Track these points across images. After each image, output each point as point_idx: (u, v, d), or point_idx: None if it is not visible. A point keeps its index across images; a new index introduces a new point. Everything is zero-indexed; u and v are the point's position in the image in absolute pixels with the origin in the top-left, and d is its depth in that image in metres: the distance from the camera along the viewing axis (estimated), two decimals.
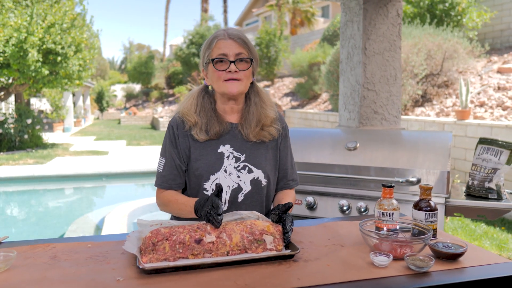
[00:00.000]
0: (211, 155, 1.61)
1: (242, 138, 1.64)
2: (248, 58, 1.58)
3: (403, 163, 2.52)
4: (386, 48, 3.26)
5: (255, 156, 1.65)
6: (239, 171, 1.62)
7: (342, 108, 3.51)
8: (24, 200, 8.23)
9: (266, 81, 21.01)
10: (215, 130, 1.60)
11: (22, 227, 6.53)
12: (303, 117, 12.62)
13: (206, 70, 1.64)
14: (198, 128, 1.60)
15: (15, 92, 12.45)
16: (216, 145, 1.62)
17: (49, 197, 8.49)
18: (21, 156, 10.87)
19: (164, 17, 39.75)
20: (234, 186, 1.62)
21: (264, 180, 1.66)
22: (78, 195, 8.78)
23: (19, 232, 6.15)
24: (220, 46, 1.56)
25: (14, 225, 6.62)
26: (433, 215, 1.54)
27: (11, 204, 7.97)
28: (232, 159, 1.62)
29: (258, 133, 1.64)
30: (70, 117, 20.15)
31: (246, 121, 1.63)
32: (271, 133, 1.67)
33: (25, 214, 7.38)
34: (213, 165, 1.61)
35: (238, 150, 1.63)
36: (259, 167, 1.64)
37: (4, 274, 1.25)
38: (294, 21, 26.85)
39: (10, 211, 7.52)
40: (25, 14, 10.17)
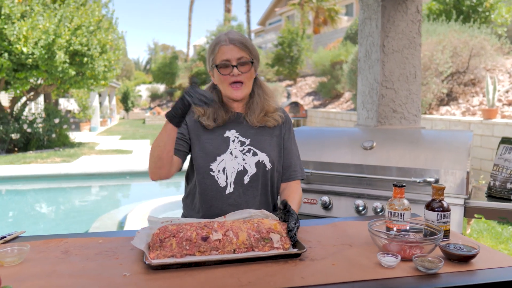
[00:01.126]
0: (218, 139, 1.71)
1: (247, 125, 1.74)
2: (249, 61, 1.68)
3: (420, 163, 2.47)
4: (405, 46, 3.20)
5: (259, 141, 1.73)
6: (244, 154, 1.70)
7: (360, 107, 3.46)
8: (51, 197, 8.48)
9: (289, 80, 20.96)
10: (222, 118, 1.71)
11: (49, 223, 6.73)
12: (325, 116, 12.53)
13: (212, 72, 1.74)
14: (206, 117, 1.71)
15: (43, 92, 12.83)
16: (223, 130, 1.72)
17: (74, 195, 8.72)
18: (49, 155, 11.19)
19: (188, 17, 40.20)
20: (239, 169, 1.69)
21: (268, 164, 1.72)
22: (102, 193, 8.98)
23: (46, 228, 6.34)
24: (223, 51, 1.66)
25: (41, 221, 6.83)
26: (445, 216, 1.50)
27: (39, 201, 8.23)
28: (238, 143, 1.71)
29: (262, 119, 1.74)
30: (97, 117, 20.62)
31: (250, 109, 1.74)
32: (275, 119, 1.76)
33: (51, 210, 7.61)
34: (219, 147, 1.69)
35: (243, 135, 1.72)
36: (264, 151, 1.72)
37: (17, 267, 1.29)
38: (317, 19, 26.67)
39: (37, 207, 7.76)
40: (53, 17, 10.46)
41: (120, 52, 13.69)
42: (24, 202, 8.06)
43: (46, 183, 8.98)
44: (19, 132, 11.98)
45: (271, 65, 21.01)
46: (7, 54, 9.92)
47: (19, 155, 11.20)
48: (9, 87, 11.37)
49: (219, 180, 1.68)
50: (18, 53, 9.93)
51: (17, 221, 6.85)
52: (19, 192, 8.66)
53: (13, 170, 9.19)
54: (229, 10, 32.22)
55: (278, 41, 20.39)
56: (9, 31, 9.46)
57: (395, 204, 1.54)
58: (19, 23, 9.71)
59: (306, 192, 2.75)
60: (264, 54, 24.25)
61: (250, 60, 1.67)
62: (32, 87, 12.20)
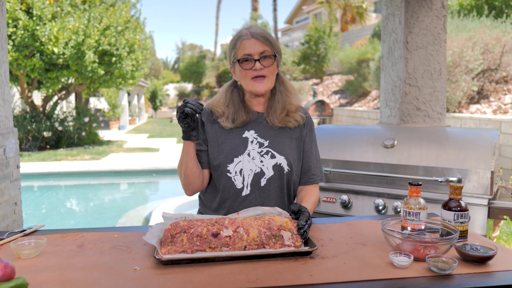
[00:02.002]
0: (236, 139, 1.68)
1: (268, 125, 1.71)
2: (271, 55, 1.64)
3: (443, 162, 2.40)
4: (430, 42, 3.12)
5: (278, 143, 1.69)
6: (262, 156, 1.67)
7: (383, 105, 3.40)
8: (80, 193, 8.73)
9: (315, 78, 20.80)
10: (242, 119, 1.69)
11: (77, 218, 6.93)
12: (351, 115, 12.37)
13: (234, 68, 1.71)
14: (225, 118, 1.69)
15: (74, 91, 13.21)
16: (241, 131, 1.70)
17: (102, 191, 8.94)
18: (79, 152, 11.52)
19: (215, 17, 40.46)
20: (256, 171, 1.66)
21: (286, 167, 1.68)
22: (129, 190, 9.17)
23: (74, 223, 6.53)
24: (245, 46, 1.63)
25: (69, 216, 7.04)
26: (463, 216, 1.46)
27: (68, 197, 8.48)
28: (256, 144, 1.68)
29: (283, 119, 1.70)
30: (125, 116, 21.06)
31: (272, 109, 1.71)
32: (296, 119, 1.73)
33: (80, 206, 7.83)
34: (236, 147, 1.67)
35: (262, 136, 1.69)
36: (282, 154, 1.68)
37: (34, 259, 1.33)
38: (345, 17, 26.34)
39: (67, 203, 8.00)
40: (83, 17, 10.75)
41: (148, 51, 13.94)
42: (54, 198, 8.33)
43: (75, 180, 9.25)
44: (51, 130, 12.39)
45: (297, 63, 20.91)
46: (39, 54, 10.26)
47: (51, 152, 11.58)
48: (42, 87, 11.76)
49: (236, 181, 1.67)
50: (50, 53, 10.25)
51: (47, 216, 7.08)
52: (50, 188, 8.96)
53: (45, 167, 9.52)
54: (256, 9, 32.22)
55: (304, 39, 20.26)
56: (40, 32, 9.78)
57: (410, 203, 1.51)
58: (50, 24, 10.02)
59: (326, 190, 2.73)
60: (290, 53, 24.16)
61: (272, 54, 1.64)
62: (63, 87, 12.58)
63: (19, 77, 11.01)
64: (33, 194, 8.51)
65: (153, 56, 35.40)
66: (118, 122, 20.66)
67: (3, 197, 2.80)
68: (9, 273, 1.10)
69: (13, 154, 2.95)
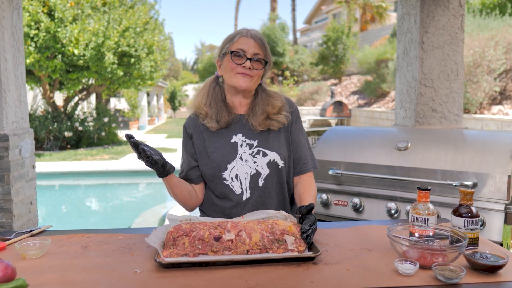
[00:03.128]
0: (225, 146, 1.67)
1: (250, 128, 1.70)
2: (263, 60, 1.64)
3: (458, 165, 2.33)
4: (446, 42, 3.04)
5: (267, 140, 1.69)
6: (254, 156, 1.66)
7: (398, 106, 3.34)
8: (98, 192, 8.86)
9: (333, 79, 20.64)
10: (224, 119, 1.67)
11: (94, 217, 7.03)
12: (369, 115, 12.22)
13: (221, 61, 1.70)
14: (209, 118, 1.68)
15: (94, 92, 13.43)
16: (229, 136, 1.68)
17: (120, 191, 9.06)
18: (98, 152, 11.71)
19: (234, 18, 40.59)
20: (252, 172, 1.65)
21: (280, 162, 1.67)
22: (146, 190, 9.26)
23: (92, 222, 6.63)
24: (241, 42, 1.63)
25: (87, 215, 7.15)
26: (473, 222, 1.41)
27: (87, 196, 8.62)
28: (246, 146, 1.67)
29: (264, 122, 1.68)
30: (145, 116, 21.31)
31: (253, 112, 1.70)
32: (279, 121, 1.70)
33: (98, 205, 7.95)
34: (227, 154, 1.66)
35: (249, 137, 1.69)
36: (273, 150, 1.68)
37: (38, 259, 1.35)
38: (365, 17, 26.06)
39: (85, 202, 8.13)
40: (103, 19, 10.92)
41: (166, 52, 14.07)
42: (73, 197, 8.48)
43: (94, 179, 9.39)
44: (72, 130, 12.62)
45: (315, 64, 20.78)
46: (61, 56, 10.47)
47: (71, 152, 11.80)
48: (63, 87, 12.00)
49: (234, 187, 1.65)
50: (70, 55, 10.45)
51: (65, 215, 7.21)
52: (69, 187, 9.13)
53: (65, 166, 9.70)
54: (274, 9, 32.16)
55: (322, 40, 20.12)
56: (61, 34, 9.97)
57: (419, 208, 1.47)
58: (71, 26, 10.21)
59: (337, 193, 2.69)
60: (309, 53, 24.04)
61: (264, 59, 1.64)
62: (83, 87, 12.81)
63: (41, 78, 11.26)
64: (54, 193, 8.69)
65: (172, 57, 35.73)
66: (137, 122, 20.91)
67: (18, 196, 2.86)
68: (9, 274, 1.11)
69: (28, 154, 3.01)
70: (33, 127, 11.86)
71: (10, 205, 2.77)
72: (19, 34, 2.95)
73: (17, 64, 2.92)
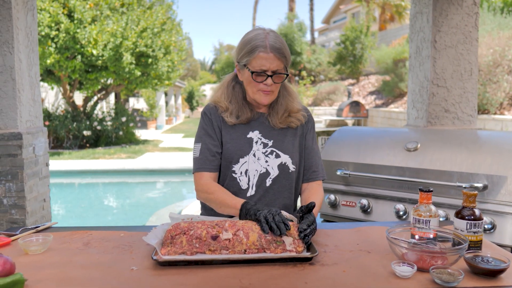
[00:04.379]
0: (241, 139, 1.67)
1: (270, 126, 1.69)
2: (284, 73, 1.61)
3: (468, 167, 2.28)
4: (460, 41, 2.98)
5: (282, 142, 1.68)
6: (266, 156, 1.66)
7: (410, 106, 3.29)
8: (115, 191, 8.99)
9: (351, 79, 20.46)
10: (246, 116, 1.67)
11: (110, 215, 7.14)
12: (386, 116, 12.07)
13: (242, 69, 1.64)
14: (228, 113, 1.67)
15: (112, 92, 13.64)
16: (246, 131, 1.68)
17: (136, 189, 9.17)
18: (116, 151, 11.88)
19: (252, 18, 40.64)
20: (262, 171, 1.65)
21: (292, 166, 1.67)
22: (162, 189, 9.36)
23: (108, 220, 6.73)
24: (261, 59, 1.56)
25: (103, 212, 7.26)
26: (476, 225, 1.37)
27: (104, 194, 8.76)
28: (260, 144, 1.67)
29: (285, 120, 1.69)
30: (162, 116, 21.53)
31: (274, 110, 1.69)
32: (298, 119, 1.71)
33: (114, 203, 8.07)
34: (242, 148, 1.66)
35: (266, 136, 1.68)
36: (287, 153, 1.67)
37: (40, 255, 1.37)
38: (384, 16, 25.75)
39: (103, 200, 8.27)
40: (121, 20, 11.08)
41: (184, 53, 14.17)
42: (91, 195, 8.63)
43: (111, 178, 9.54)
44: (90, 129, 12.84)
45: (333, 63, 20.64)
46: (80, 56, 10.66)
47: (89, 150, 12.01)
48: (82, 87, 12.23)
49: (241, 182, 1.65)
50: (89, 55, 10.63)
51: (84, 212, 7.34)
52: (88, 185, 9.29)
53: (83, 164, 9.88)
54: (292, 9, 32.06)
55: (340, 39, 19.96)
56: (81, 35, 10.16)
57: (420, 210, 1.44)
58: (90, 27, 10.39)
59: (345, 194, 2.67)
60: (326, 53, 23.88)
61: (285, 73, 1.61)
62: (102, 87, 13.02)
63: (61, 78, 11.49)
64: (72, 190, 8.86)
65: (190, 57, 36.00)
66: (155, 122, 21.15)
67: (32, 193, 2.92)
68: (8, 269, 1.13)
69: (42, 153, 3.07)
70: (53, 126, 12.12)
71: (23, 202, 2.83)
72: (33, 35, 3.01)
73: (31, 64, 2.99)
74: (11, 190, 2.81)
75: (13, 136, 2.79)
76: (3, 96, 2.79)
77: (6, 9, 2.73)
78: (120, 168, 9.65)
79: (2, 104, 2.80)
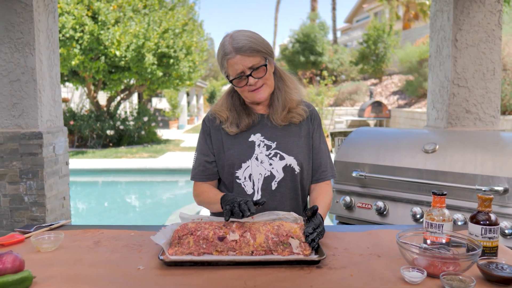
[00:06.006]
0: (243, 144, 1.65)
1: (272, 125, 1.66)
2: (262, 65, 1.56)
3: (488, 169, 2.21)
4: (482, 39, 2.89)
5: (286, 143, 1.65)
6: (270, 158, 1.63)
7: (430, 107, 3.21)
8: (136, 189, 9.13)
9: (374, 79, 20.18)
10: (245, 123, 1.65)
11: (131, 213, 7.25)
12: (409, 116, 11.85)
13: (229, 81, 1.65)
14: (229, 123, 1.66)
15: (135, 92, 13.84)
16: (247, 135, 1.66)
17: (157, 188, 9.28)
18: (138, 150, 12.06)
19: (274, 18, 40.56)
20: (266, 174, 1.62)
21: (297, 167, 1.64)
22: (182, 188, 9.44)
23: (128, 218, 6.84)
24: (232, 64, 1.54)
25: (124, 211, 7.38)
26: (492, 231, 1.33)
27: (126, 193, 8.90)
28: (263, 147, 1.64)
29: (286, 116, 1.66)
30: (184, 115, 21.74)
31: (273, 108, 1.66)
32: (299, 113, 1.68)
33: (136, 202, 8.19)
34: (244, 153, 1.63)
35: (269, 138, 1.65)
36: (291, 154, 1.64)
37: (51, 253, 1.40)
38: (408, 14, 25.31)
39: (124, 199, 8.40)
40: (143, 21, 11.24)
41: (205, 53, 14.27)
42: (113, 193, 8.78)
43: (133, 177, 9.69)
44: (113, 129, 13.07)
45: (355, 63, 20.41)
46: (104, 57, 10.87)
47: (112, 150, 12.23)
48: (106, 87, 12.46)
49: (246, 187, 1.64)
50: (112, 56, 10.82)
51: (106, 210, 7.48)
52: (110, 184, 9.46)
53: (106, 163, 10.06)
54: (314, 8, 31.85)
55: (363, 38, 19.71)
56: (104, 36, 10.35)
57: (433, 214, 1.40)
58: (113, 28, 10.58)
59: (361, 196, 2.62)
60: (349, 52, 23.64)
61: (263, 64, 1.56)
62: (125, 87, 13.24)
63: (86, 79, 11.74)
64: (95, 189, 9.04)
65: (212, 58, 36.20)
66: (177, 122, 21.37)
67: (51, 191, 2.99)
68: (17, 265, 1.16)
69: (62, 152, 3.14)
70: (78, 126, 12.39)
71: (43, 199, 2.90)
72: (54, 36, 3.08)
73: (52, 66, 3.05)
74: (32, 188, 2.88)
75: (33, 135, 2.86)
76: (25, 97, 2.86)
77: (28, 12, 2.80)
78: (141, 167, 9.79)
79: (24, 104, 2.87)
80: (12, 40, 2.84)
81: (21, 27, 2.82)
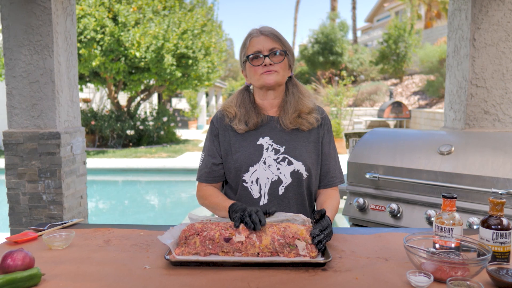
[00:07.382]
0: (250, 147, 1.64)
1: (281, 128, 1.66)
2: (282, 51, 1.61)
3: (505, 172, 2.15)
4: (501, 38, 2.82)
5: (294, 148, 1.63)
6: (278, 163, 1.62)
7: (448, 108, 3.15)
8: (154, 189, 9.24)
9: (394, 79, 19.90)
10: (253, 121, 1.65)
11: (151, 212, 7.34)
12: (430, 117, 11.64)
13: (245, 69, 1.68)
14: (237, 120, 1.66)
15: (155, 92, 14.01)
16: (256, 137, 1.65)
17: (175, 188, 9.37)
18: (157, 150, 12.20)
19: (294, 18, 40.45)
20: (273, 179, 1.61)
21: (305, 173, 1.62)
22: None
23: (145, 217, 6.92)
24: (254, 43, 1.62)
25: (142, 210, 7.48)
26: (504, 235, 1.29)
27: (145, 192, 9.02)
28: (272, 151, 1.63)
29: (295, 120, 1.64)
30: (203, 116, 21.89)
31: (284, 110, 1.66)
32: (310, 122, 1.66)
33: (154, 201, 8.29)
34: (251, 156, 1.62)
35: (277, 142, 1.64)
36: (299, 159, 1.62)
37: (62, 251, 1.43)
38: (430, 13, 24.88)
39: (143, 198, 8.51)
40: (163, 23, 11.37)
41: (224, 54, 14.34)
42: (132, 192, 8.91)
43: (152, 176, 9.81)
44: (133, 129, 13.27)
45: (375, 63, 20.17)
46: (124, 58, 11.04)
47: (132, 149, 12.41)
48: (126, 88, 12.66)
49: (253, 191, 1.63)
50: (132, 57, 10.98)
51: (126, 209, 7.60)
52: (129, 183, 9.60)
53: (126, 163, 10.22)
54: (334, 8, 31.62)
55: (383, 38, 19.45)
56: (124, 38, 10.51)
57: (443, 217, 1.37)
58: (133, 30, 10.73)
59: (374, 198, 2.59)
60: (369, 52, 23.37)
61: (283, 50, 1.61)
62: (145, 88, 13.41)
63: (107, 80, 11.95)
64: (114, 188, 9.19)
65: (232, 58, 36.38)
66: (196, 122, 21.53)
67: (69, 190, 3.05)
68: (27, 263, 1.19)
69: (79, 151, 3.20)
70: (99, 126, 12.62)
71: (61, 198, 2.96)
72: (72, 38, 3.15)
73: (70, 67, 3.12)
74: (50, 186, 2.95)
75: (51, 135, 2.93)
76: (43, 98, 2.93)
77: (47, 15, 2.87)
78: (160, 167, 9.90)
79: (42, 105, 2.94)
80: (32, 43, 2.91)
81: (40, 30, 2.89)
